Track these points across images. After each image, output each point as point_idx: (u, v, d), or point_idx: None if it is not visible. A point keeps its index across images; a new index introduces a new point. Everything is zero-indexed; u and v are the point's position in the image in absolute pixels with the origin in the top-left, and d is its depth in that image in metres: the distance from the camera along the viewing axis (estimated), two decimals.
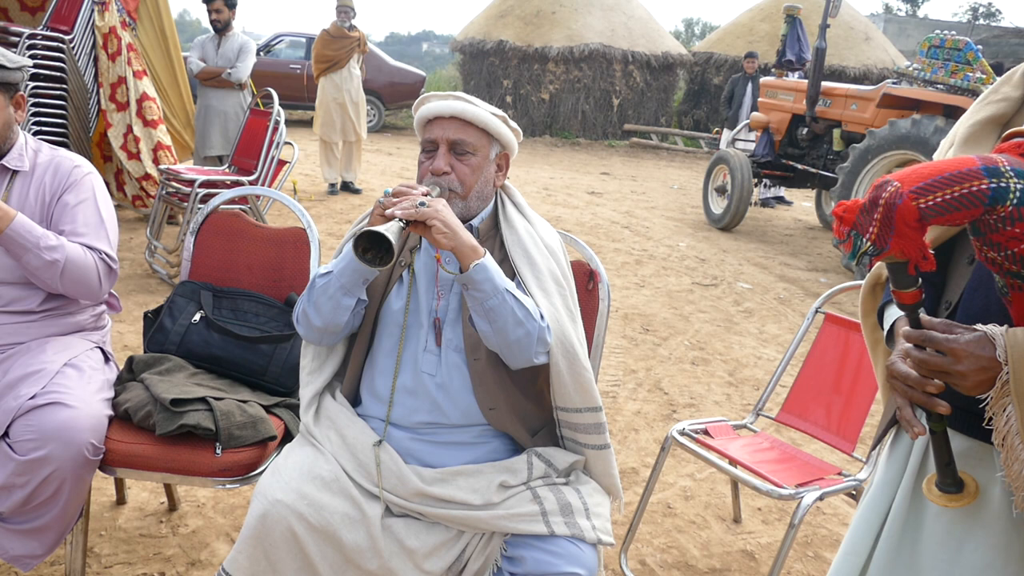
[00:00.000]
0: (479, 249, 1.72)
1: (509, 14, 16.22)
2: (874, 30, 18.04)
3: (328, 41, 8.35)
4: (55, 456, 1.91)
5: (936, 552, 1.39)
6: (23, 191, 2.17)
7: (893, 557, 1.43)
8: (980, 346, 1.20)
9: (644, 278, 6.50)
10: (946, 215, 1.15)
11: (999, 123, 1.41)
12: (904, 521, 1.44)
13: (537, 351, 1.77)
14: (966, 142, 1.40)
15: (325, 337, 1.90)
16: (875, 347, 1.61)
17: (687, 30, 37.79)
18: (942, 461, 1.32)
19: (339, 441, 1.83)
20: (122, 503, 2.73)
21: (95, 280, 2.17)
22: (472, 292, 1.71)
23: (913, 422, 1.29)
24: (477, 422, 1.85)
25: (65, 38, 5.88)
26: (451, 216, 1.70)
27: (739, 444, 2.63)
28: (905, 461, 1.47)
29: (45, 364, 2.07)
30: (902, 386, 1.30)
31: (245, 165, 5.77)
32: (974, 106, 1.46)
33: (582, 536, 1.75)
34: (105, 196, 2.28)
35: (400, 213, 1.63)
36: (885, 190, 1.18)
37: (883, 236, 1.18)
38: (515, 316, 1.72)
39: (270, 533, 1.68)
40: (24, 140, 2.21)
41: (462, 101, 1.86)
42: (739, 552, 2.84)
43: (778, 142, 8.54)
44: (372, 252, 1.58)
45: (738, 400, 4.24)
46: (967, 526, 1.35)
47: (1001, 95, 1.43)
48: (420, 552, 1.73)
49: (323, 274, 1.82)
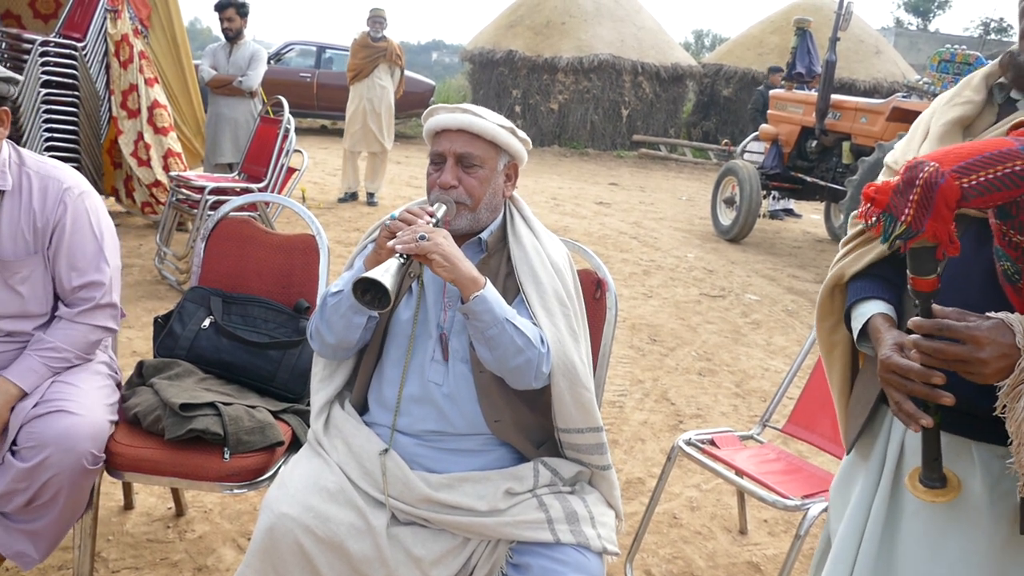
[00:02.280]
0: (479, 280, 1.73)
1: (519, 24, 16.28)
2: (885, 44, 18.05)
3: (355, 50, 8.37)
4: (54, 462, 1.93)
5: (916, 550, 1.39)
6: (12, 214, 2.07)
7: (874, 558, 1.44)
8: (1000, 332, 1.20)
9: (652, 288, 6.50)
10: (987, 195, 1.14)
11: (963, 124, 1.43)
12: (884, 521, 1.44)
13: (536, 376, 1.79)
14: (941, 139, 1.42)
15: (339, 352, 1.92)
16: (831, 350, 1.61)
17: (697, 41, 37.87)
18: (930, 456, 1.31)
19: (345, 450, 1.84)
20: (130, 508, 2.74)
21: (101, 332, 2.18)
22: (473, 322, 1.73)
23: (918, 414, 1.27)
24: (482, 431, 1.86)
25: (77, 45, 5.93)
26: (451, 248, 1.71)
27: (745, 455, 2.62)
28: (881, 462, 1.48)
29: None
30: (899, 380, 1.29)
31: (255, 172, 5.80)
32: (941, 107, 1.49)
33: (588, 544, 1.75)
34: (100, 213, 2.20)
35: (401, 248, 1.65)
36: (923, 170, 1.16)
37: (919, 218, 1.16)
38: (515, 344, 1.73)
39: (277, 546, 1.69)
40: (7, 155, 2.08)
41: (469, 114, 1.87)
42: (745, 564, 2.83)
43: (787, 154, 8.54)
44: (371, 294, 1.60)
45: (745, 411, 4.23)
46: (946, 521, 1.36)
47: (964, 98, 1.46)
48: (427, 560, 1.74)
49: (334, 293, 1.82)
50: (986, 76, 1.47)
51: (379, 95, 8.36)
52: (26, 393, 2.02)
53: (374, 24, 8.23)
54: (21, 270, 2.09)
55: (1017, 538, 1.32)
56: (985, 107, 1.45)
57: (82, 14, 6.17)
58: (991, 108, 1.45)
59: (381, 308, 1.60)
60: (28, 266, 2.10)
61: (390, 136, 8.56)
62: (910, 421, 1.28)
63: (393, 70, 8.47)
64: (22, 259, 2.09)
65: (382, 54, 8.30)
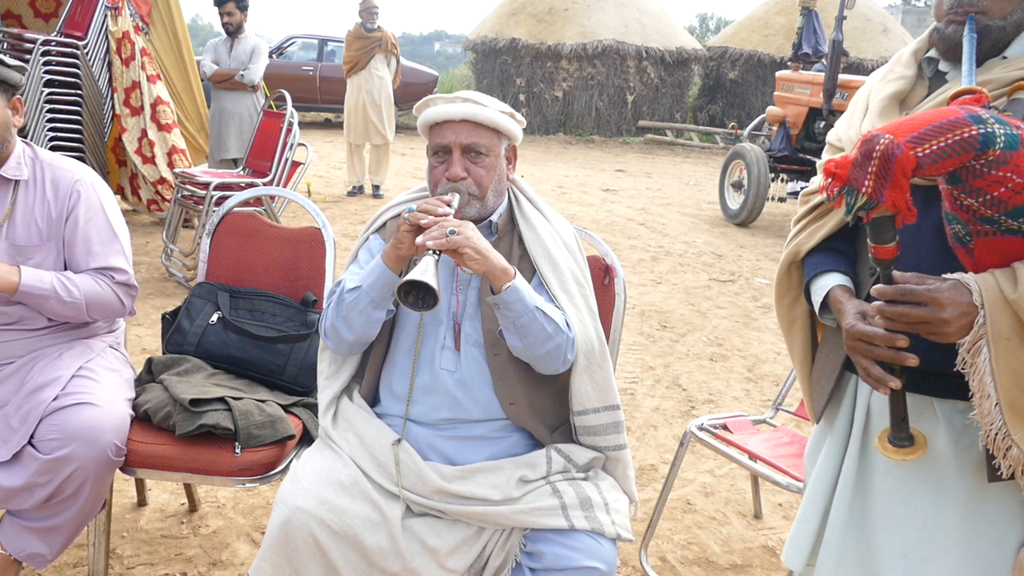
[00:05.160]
0: (510, 271, 1.72)
1: (521, 12, 16.19)
2: (892, 22, 17.88)
3: (350, 42, 8.35)
4: (78, 455, 1.93)
5: (889, 506, 1.47)
6: (27, 204, 2.14)
7: (845, 517, 1.51)
8: (958, 292, 1.27)
9: (661, 275, 6.47)
10: (940, 162, 1.20)
11: (899, 99, 1.50)
12: (854, 483, 1.51)
13: (564, 361, 1.81)
14: (880, 115, 1.47)
15: (355, 348, 1.92)
16: (791, 325, 1.67)
17: (701, 25, 37.60)
18: (898, 416, 1.38)
19: (357, 443, 1.83)
20: (143, 504, 2.74)
21: (117, 304, 2.20)
22: (504, 311, 1.73)
23: (886, 378, 1.34)
24: (497, 416, 1.85)
25: (79, 44, 5.92)
26: (481, 241, 1.70)
27: (759, 439, 2.60)
28: (847, 427, 1.55)
29: (62, 370, 2.08)
30: (865, 346, 1.36)
31: (259, 167, 5.78)
32: (878, 83, 1.56)
33: (601, 530, 1.74)
34: (112, 203, 2.25)
35: (432, 244, 1.63)
36: (878, 142, 1.21)
37: (879, 188, 1.22)
38: (545, 331, 1.74)
39: (292, 540, 1.68)
40: (21, 148, 2.16)
41: (471, 103, 1.84)
42: (760, 548, 2.82)
43: (795, 136, 8.47)
44: (414, 295, 1.60)
45: (757, 396, 4.21)
46: (916, 478, 1.44)
47: (896, 74, 1.54)
48: (442, 550, 1.73)
49: (351, 289, 1.81)
50: (915, 52, 1.56)
51: (378, 86, 8.33)
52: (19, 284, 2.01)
53: (368, 16, 8.21)
54: (34, 256, 2.13)
55: (982, 486, 1.39)
56: (916, 81, 1.52)
57: (83, 12, 6.16)
58: (922, 82, 1.52)
59: (427, 309, 1.60)
60: (41, 252, 2.14)
61: (391, 127, 8.53)
62: (879, 385, 1.35)
63: (389, 60, 8.43)
64: (35, 245, 2.13)
65: (377, 44, 8.28)
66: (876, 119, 1.46)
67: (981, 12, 1.39)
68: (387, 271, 1.76)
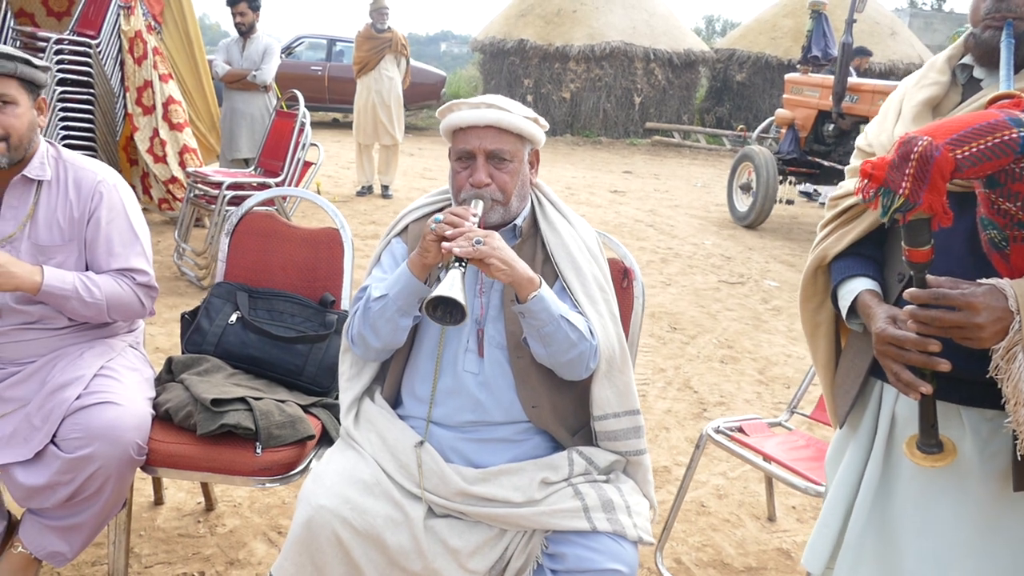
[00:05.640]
0: (535, 280, 1.73)
1: (529, 13, 16.20)
2: (900, 25, 17.84)
3: (360, 42, 8.36)
4: (101, 454, 1.94)
5: (911, 512, 1.47)
6: (50, 204, 2.15)
7: (865, 522, 1.52)
8: (994, 297, 1.26)
9: (670, 276, 6.47)
10: (979, 165, 1.19)
11: (932, 105, 1.50)
12: (877, 487, 1.51)
13: (587, 367, 1.82)
14: (914, 120, 1.47)
15: (382, 355, 1.93)
16: (816, 330, 1.67)
17: (708, 27, 37.59)
18: (927, 422, 1.37)
19: (379, 443, 1.84)
20: (160, 503, 2.75)
21: (137, 305, 2.21)
22: (529, 320, 1.74)
23: (917, 383, 1.33)
24: (519, 419, 1.86)
25: (92, 43, 5.93)
26: (507, 251, 1.72)
27: (775, 442, 2.61)
28: (871, 432, 1.55)
29: (84, 369, 2.09)
30: (896, 350, 1.35)
31: (271, 167, 5.80)
32: (911, 88, 1.56)
33: (624, 533, 1.75)
34: (133, 203, 2.27)
35: (459, 252, 1.64)
36: (917, 144, 1.21)
37: (916, 190, 1.21)
38: (569, 339, 1.75)
39: (315, 539, 1.69)
40: (44, 148, 2.17)
41: (496, 109, 1.84)
42: (775, 550, 2.82)
43: (803, 139, 8.47)
44: (441, 310, 1.62)
45: (769, 398, 4.21)
46: (941, 484, 1.44)
47: (931, 80, 1.53)
48: (464, 551, 1.74)
49: (377, 298, 1.81)
50: (949, 58, 1.55)
51: (387, 87, 8.34)
52: (42, 284, 2.02)
53: (378, 16, 8.21)
54: (57, 256, 2.14)
55: (1007, 495, 1.39)
56: (950, 88, 1.52)
57: (95, 11, 6.17)
58: (956, 89, 1.52)
59: (454, 323, 1.62)
60: (63, 253, 2.15)
61: (401, 128, 8.54)
62: (908, 389, 1.34)
63: (399, 60, 8.44)
64: (57, 246, 2.14)
65: (387, 45, 8.28)
66: (909, 124, 1.46)
67: (1019, 18, 1.39)
68: (413, 279, 1.77)
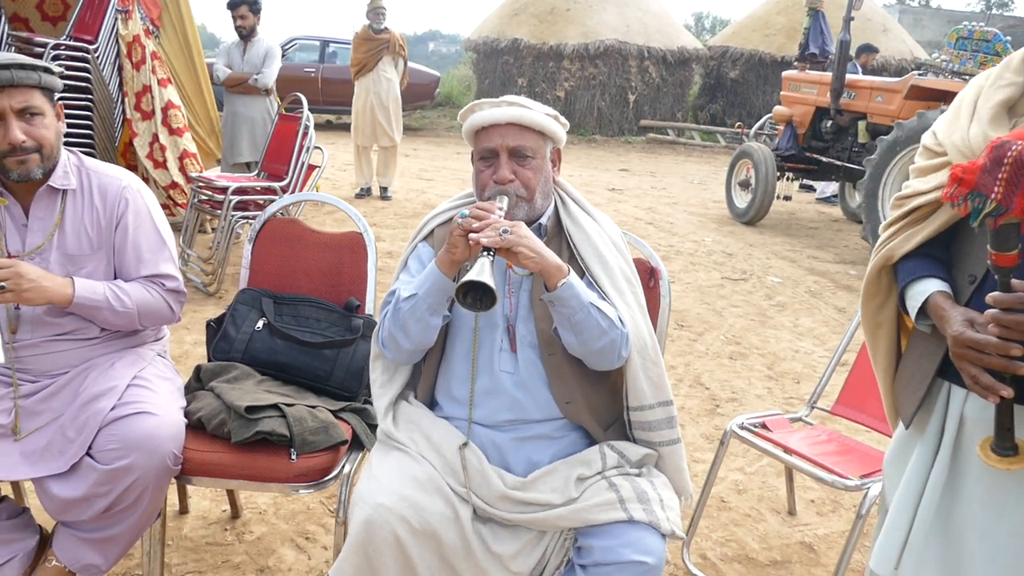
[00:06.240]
0: (564, 267, 1.75)
1: (523, 12, 16.21)
2: (891, 21, 17.91)
3: (357, 44, 8.31)
4: (138, 465, 1.93)
5: (977, 514, 1.46)
6: (76, 213, 2.14)
7: (931, 522, 1.51)
8: None
9: (673, 274, 6.49)
10: None
11: (1008, 106, 1.48)
12: (943, 488, 1.51)
13: (618, 356, 1.82)
14: (991, 121, 1.46)
15: (414, 356, 1.94)
16: (877, 330, 1.67)
17: (697, 24, 37.60)
18: (1004, 425, 1.37)
19: (424, 442, 1.85)
20: (185, 512, 2.75)
21: (167, 311, 2.22)
22: (559, 308, 1.75)
23: (998, 386, 1.33)
24: (556, 416, 1.88)
25: (89, 48, 5.89)
26: (535, 240, 1.73)
27: (798, 437, 2.62)
28: (938, 433, 1.54)
29: (117, 380, 2.09)
30: (975, 354, 1.34)
31: (275, 171, 5.78)
32: (988, 88, 1.54)
33: (658, 525, 1.75)
34: (157, 208, 2.27)
35: (487, 242, 1.66)
36: (1011, 149, 1.21)
37: (1009, 195, 1.21)
38: (599, 327, 1.76)
39: (374, 539, 1.70)
40: (66, 156, 2.16)
41: (517, 106, 1.87)
42: (798, 544, 2.84)
43: (802, 135, 8.51)
44: (471, 296, 1.63)
45: (779, 393, 4.23)
46: (1009, 487, 1.43)
47: (1007, 80, 1.51)
48: (506, 556, 1.76)
49: (407, 298, 1.82)
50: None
51: (386, 88, 8.30)
52: (73, 297, 2.03)
53: (375, 16, 8.16)
54: (86, 265, 2.14)
55: None
56: None
57: (92, 16, 6.13)
58: None
59: (484, 309, 1.62)
60: (92, 261, 2.15)
61: (399, 129, 8.51)
62: (987, 393, 1.34)
63: (397, 61, 8.40)
64: (87, 255, 2.14)
65: (385, 46, 8.24)
66: (987, 126, 1.46)
67: None
68: (442, 276, 1.78)
